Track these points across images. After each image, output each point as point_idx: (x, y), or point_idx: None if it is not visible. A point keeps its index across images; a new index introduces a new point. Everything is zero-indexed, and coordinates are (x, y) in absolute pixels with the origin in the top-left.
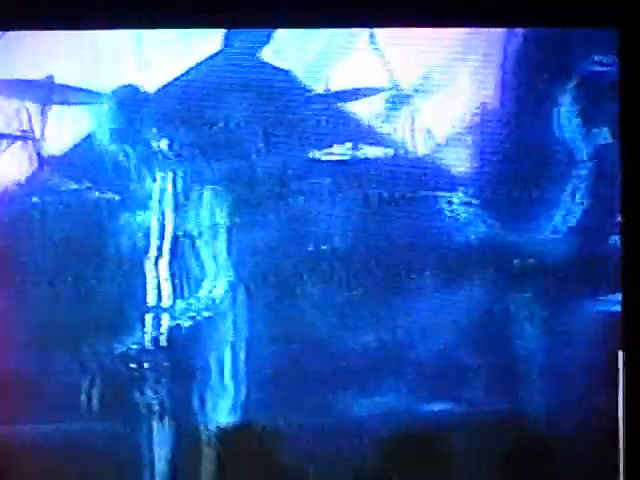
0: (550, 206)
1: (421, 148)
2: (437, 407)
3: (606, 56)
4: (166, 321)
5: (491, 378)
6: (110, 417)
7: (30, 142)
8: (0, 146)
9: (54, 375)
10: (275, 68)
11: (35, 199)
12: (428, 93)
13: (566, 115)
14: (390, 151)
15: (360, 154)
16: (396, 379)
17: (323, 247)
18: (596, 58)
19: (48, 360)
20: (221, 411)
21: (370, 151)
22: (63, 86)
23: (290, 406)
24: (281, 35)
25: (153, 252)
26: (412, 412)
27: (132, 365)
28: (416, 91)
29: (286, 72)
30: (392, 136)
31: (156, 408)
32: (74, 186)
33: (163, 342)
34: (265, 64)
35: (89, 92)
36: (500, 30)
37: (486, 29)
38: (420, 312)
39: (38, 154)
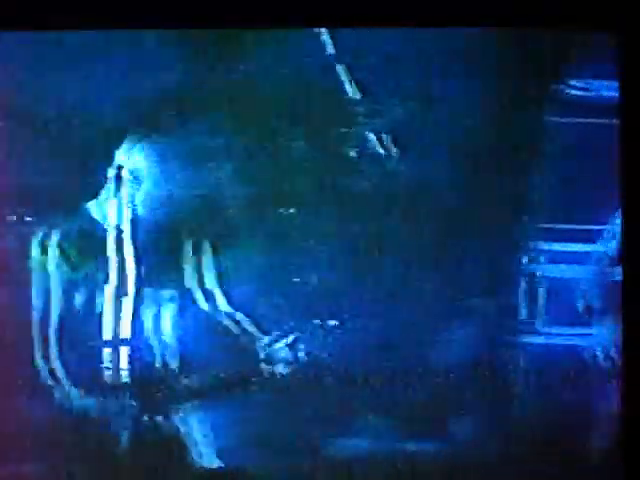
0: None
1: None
2: (423, 446)
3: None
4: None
5: (481, 417)
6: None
7: None
8: None
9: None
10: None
11: None
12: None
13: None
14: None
15: None
16: (381, 417)
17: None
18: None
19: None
20: (205, 454)
21: None
22: None
23: (272, 448)
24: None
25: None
26: (398, 452)
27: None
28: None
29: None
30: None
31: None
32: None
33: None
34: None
35: None
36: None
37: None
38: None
39: None
